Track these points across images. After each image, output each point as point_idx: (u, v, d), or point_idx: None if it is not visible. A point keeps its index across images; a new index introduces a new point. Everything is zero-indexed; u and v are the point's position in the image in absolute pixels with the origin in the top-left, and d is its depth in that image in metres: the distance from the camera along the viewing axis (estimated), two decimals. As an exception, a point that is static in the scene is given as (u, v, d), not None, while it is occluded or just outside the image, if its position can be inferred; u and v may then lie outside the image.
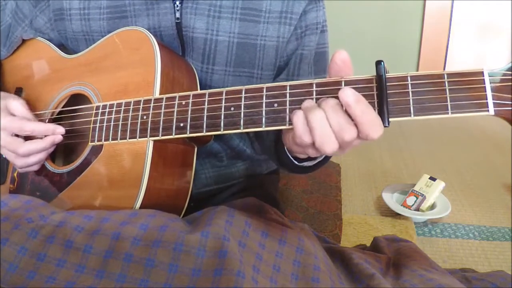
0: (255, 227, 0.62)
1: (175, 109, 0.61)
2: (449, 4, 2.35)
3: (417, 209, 1.28)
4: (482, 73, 0.48)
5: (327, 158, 0.66)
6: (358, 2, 2.42)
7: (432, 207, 1.31)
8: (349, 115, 0.49)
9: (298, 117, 0.51)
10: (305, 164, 0.66)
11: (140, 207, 0.63)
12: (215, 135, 0.79)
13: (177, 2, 0.73)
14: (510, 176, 1.54)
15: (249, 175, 0.90)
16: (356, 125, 0.48)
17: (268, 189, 0.91)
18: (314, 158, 0.65)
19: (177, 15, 0.73)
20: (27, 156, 0.70)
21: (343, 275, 0.64)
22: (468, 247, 1.17)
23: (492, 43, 2.40)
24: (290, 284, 0.57)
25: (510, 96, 0.47)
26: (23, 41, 0.85)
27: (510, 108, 0.47)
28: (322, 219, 1.22)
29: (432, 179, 1.34)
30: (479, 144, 1.90)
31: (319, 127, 0.49)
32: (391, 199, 1.33)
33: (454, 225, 1.27)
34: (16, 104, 0.71)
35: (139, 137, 0.64)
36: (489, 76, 0.47)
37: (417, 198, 1.30)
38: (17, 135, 0.71)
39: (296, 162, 0.65)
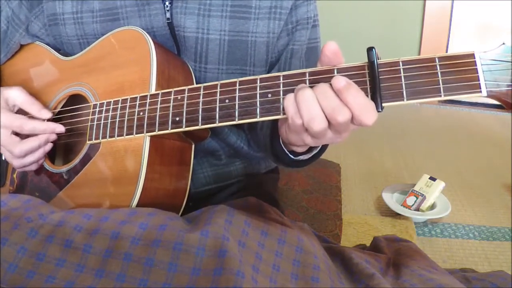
0: (255, 226, 0.62)
1: (171, 104, 0.62)
2: (449, 4, 2.35)
3: (417, 209, 1.28)
4: (473, 55, 0.48)
5: (322, 150, 0.66)
6: (358, 2, 2.42)
7: (432, 207, 1.31)
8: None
9: (289, 99, 0.51)
10: (301, 157, 0.66)
11: (138, 205, 0.63)
12: (212, 132, 0.79)
13: (167, 2, 0.73)
14: (510, 176, 1.54)
15: (248, 174, 0.90)
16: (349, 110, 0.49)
17: (267, 189, 0.91)
18: (311, 151, 0.65)
19: (168, 15, 0.74)
20: (23, 156, 0.70)
21: (343, 275, 0.64)
22: (468, 247, 1.17)
23: (492, 43, 2.40)
24: (290, 284, 0.57)
25: (501, 77, 0.47)
26: (21, 45, 0.85)
27: (502, 88, 0.47)
28: (322, 219, 1.22)
29: (432, 179, 1.34)
30: (479, 144, 1.90)
31: (306, 104, 0.49)
32: (391, 199, 1.33)
33: (454, 225, 1.27)
34: (15, 93, 0.71)
35: (136, 133, 0.64)
36: (480, 58, 0.48)
37: (417, 198, 1.30)
38: (17, 134, 0.71)
39: (291, 156, 0.65)
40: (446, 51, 2.42)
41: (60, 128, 0.72)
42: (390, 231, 1.21)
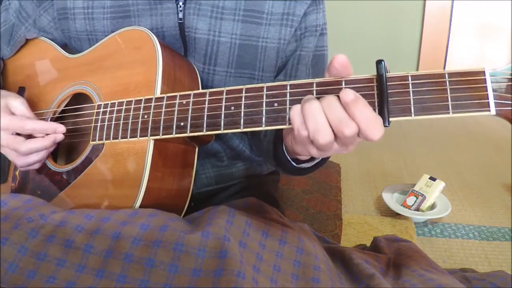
0: (256, 227, 0.62)
1: (176, 108, 0.61)
2: (449, 4, 2.35)
3: (417, 209, 1.28)
4: (483, 73, 0.47)
5: (325, 158, 0.66)
6: (358, 2, 2.42)
7: (432, 207, 1.31)
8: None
9: (295, 110, 0.51)
10: (303, 165, 0.66)
11: (140, 207, 0.63)
12: (215, 135, 0.79)
13: (180, 3, 0.73)
14: (510, 176, 1.54)
15: (249, 175, 0.90)
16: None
17: (268, 189, 0.91)
18: (313, 159, 0.65)
19: (180, 15, 0.74)
20: (28, 154, 0.70)
21: (343, 275, 0.64)
22: (468, 247, 1.17)
23: (492, 43, 2.40)
24: (290, 284, 0.57)
25: (511, 96, 0.46)
26: (27, 40, 0.85)
27: (511, 108, 0.47)
28: (322, 219, 1.22)
29: (432, 179, 1.34)
30: (479, 144, 1.90)
31: (312, 116, 0.49)
32: (391, 199, 1.33)
33: (454, 225, 1.27)
34: (17, 103, 0.71)
35: (140, 136, 0.64)
36: (490, 75, 0.47)
37: (417, 198, 1.30)
38: (18, 134, 0.71)
39: (294, 164, 0.65)
40: (446, 51, 2.42)
41: (61, 128, 0.72)
42: (390, 231, 1.21)
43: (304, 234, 0.65)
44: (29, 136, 0.71)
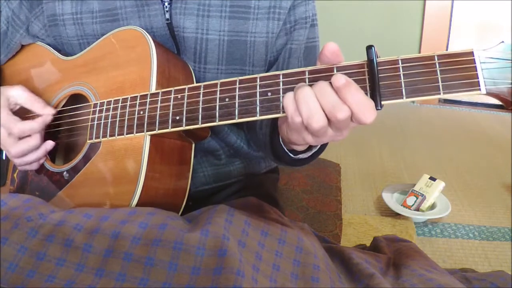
0: (255, 226, 0.62)
1: (171, 102, 0.62)
2: (449, 4, 2.35)
3: (417, 209, 1.29)
4: (472, 53, 0.48)
5: (322, 148, 0.66)
6: (358, 2, 2.42)
7: (432, 207, 1.31)
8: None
9: (288, 97, 0.51)
10: (301, 156, 0.66)
11: (138, 204, 0.63)
12: (212, 132, 0.79)
13: (166, 3, 0.74)
14: (510, 176, 1.55)
15: (248, 173, 0.90)
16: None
17: (267, 189, 0.91)
18: (310, 149, 0.65)
19: (167, 16, 0.74)
20: (20, 156, 0.70)
21: (343, 275, 0.64)
22: (468, 247, 1.17)
23: (492, 43, 2.40)
24: (290, 284, 0.57)
25: (501, 74, 0.47)
26: (22, 45, 0.85)
27: (501, 86, 0.47)
28: (322, 219, 1.22)
29: (432, 179, 1.34)
30: (479, 144, 1.90)
31: (305, 102, 0.49)
32: (391, 199, 1.33)
33: (454, 225, 1.27)
34: (18, 92, 0.71)
35: (136, 132, 0.65)
36: (479, 56, 0.48)
37: (417, 198, 1.30)
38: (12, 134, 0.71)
39: (291, 155, 0.65)
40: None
41: (49, 118, 0.71)
42: (390, 231, 1.22)
43: (303, 233, 0.65)
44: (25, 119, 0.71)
